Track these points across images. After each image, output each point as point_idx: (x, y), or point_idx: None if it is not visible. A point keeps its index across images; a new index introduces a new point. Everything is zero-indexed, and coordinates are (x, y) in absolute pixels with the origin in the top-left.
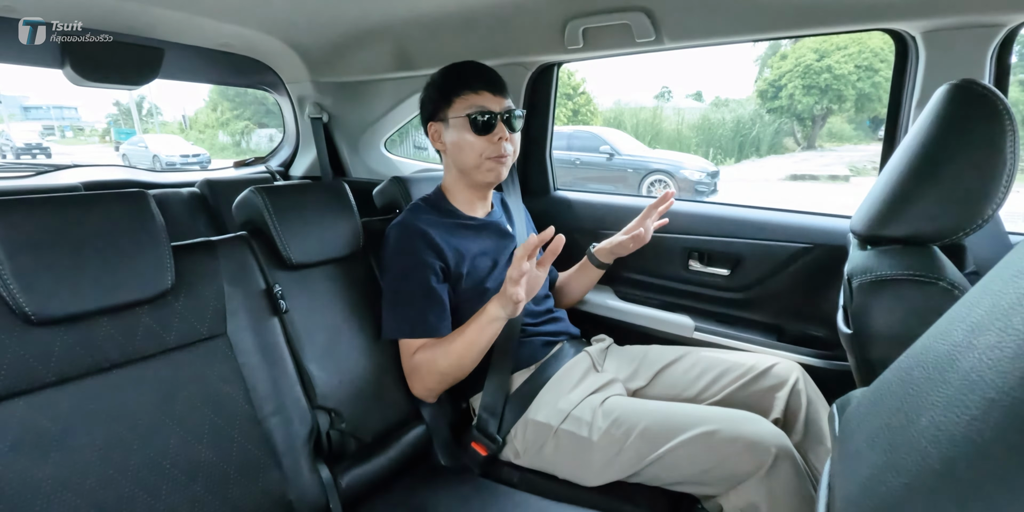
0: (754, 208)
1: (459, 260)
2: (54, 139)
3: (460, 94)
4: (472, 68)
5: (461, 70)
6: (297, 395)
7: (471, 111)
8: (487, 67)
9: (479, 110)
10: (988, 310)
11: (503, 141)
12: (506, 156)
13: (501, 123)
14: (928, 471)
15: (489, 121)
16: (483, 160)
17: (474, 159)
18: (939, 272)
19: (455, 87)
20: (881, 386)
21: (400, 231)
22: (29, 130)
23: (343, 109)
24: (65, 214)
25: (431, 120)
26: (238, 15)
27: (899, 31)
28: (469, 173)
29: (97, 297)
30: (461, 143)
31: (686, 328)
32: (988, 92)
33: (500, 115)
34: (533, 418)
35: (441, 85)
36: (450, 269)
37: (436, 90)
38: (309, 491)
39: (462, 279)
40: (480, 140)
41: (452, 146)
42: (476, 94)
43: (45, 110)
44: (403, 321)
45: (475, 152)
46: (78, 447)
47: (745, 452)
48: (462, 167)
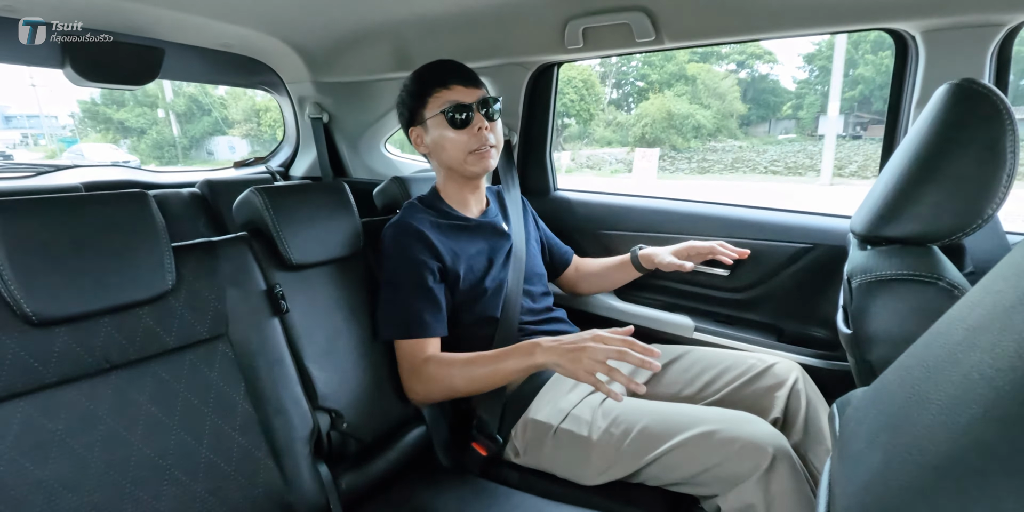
0: (754, 208)
1: (456, 260)
2: (28, 147)
3: (432, 92)
4: (439, 65)
5: (430, 70)
6: (297, 395)
7: (445, 107)
8: (455, 62)
9: (453, 104)
10: (988, 310)
11: (483, 131)
12: (490, 146)
13: (478, 114)
14: (929, 471)
15: (466, 114)
16: (467, 155)
17: (458, 154)
18: (939, 272)
19: (426, 86)
20: (881, 386)
21: (396, 231)
22: (7, 138)
23: (343, 109)
24: (65, 214)
25: (411, 125)
26: (238, 15)
27: (899, 31)
28: (458, 169)
29: (98, 298)
30: (442, 141)
31: (686, 328)
32: (988, 92)
33: (475, 106)
34: (533, 417)
35: (412, 88)
36: (447, 269)
37: (408, 94)
38: (309, 491)
39: (459, 280)
40: (460, 134)
41: (434, 146)
42: (448, 89)
43: (20, 120)
44: (399, 322)
45: (457, 148)
46: (78, 447)
47: (742, 453)
48: (450, 164)
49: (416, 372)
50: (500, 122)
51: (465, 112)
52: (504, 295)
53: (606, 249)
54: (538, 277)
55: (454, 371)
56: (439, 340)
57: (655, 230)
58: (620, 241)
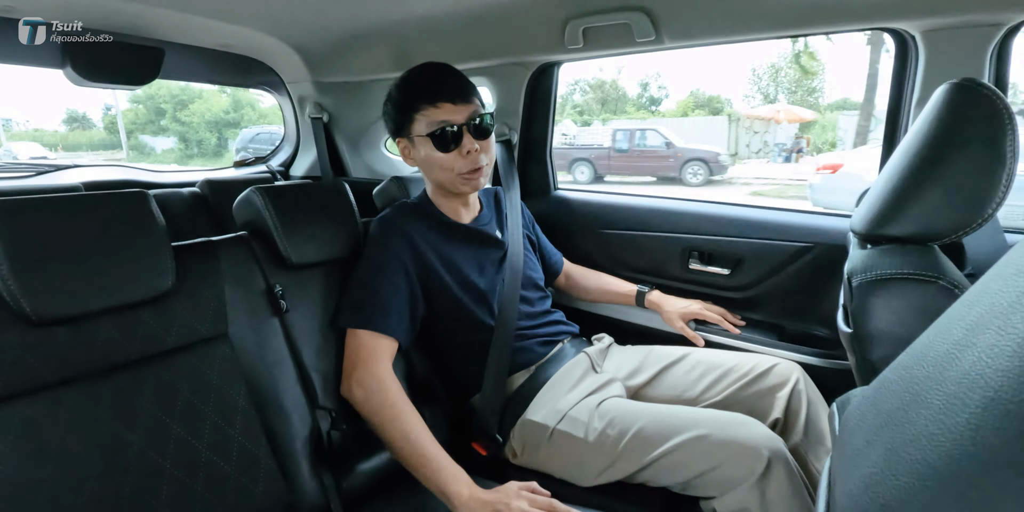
0: (754, 207)
1: (439, 261)
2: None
3: (418, 109)
4: (427, 78)
5: (416, 81)
6: (298, 395)
7: (433, 129)
8: (445, 72)
9: (440, 125)
10: (988, 309)
11: (474, 153)
12: (480, 167)
13: (468, 135)
14: (928, 470)
15: (455, 136)
16: (456, 176)
17: (447, 176)
18: (939, 271)
19: (412, 102)
20: (881, 385)
21: (382, 225)
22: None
23: (343, 109)
24: (66, 214)
25: (397, 136)
26: (238, 15)
27: (899, 30)
28: (448, 187)
29: (98, 297)
30: (430, 161)
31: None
32: (988, 91)
33: (466, 126)
34: (530, 418)
35: (398, 100)
36: (429, 270)
37: (393, 107)
38: (309, 491)
39: (442, 282)
40: (448, 157)
41: (422, 163)
42: (435, 107)
43: None
44: (359, 310)
45: (446, 169)
46: (79, 447)
47: (738, 457)
48: (439, 182)
49: (357, 369)
50: (493, 136)
51: (455, 134)
52: (498, 302)
53: (606, 249)
54: (536, 282)
55: (384, 410)
56: (394, 349)
57: (655, 230)
58: (620, 241)
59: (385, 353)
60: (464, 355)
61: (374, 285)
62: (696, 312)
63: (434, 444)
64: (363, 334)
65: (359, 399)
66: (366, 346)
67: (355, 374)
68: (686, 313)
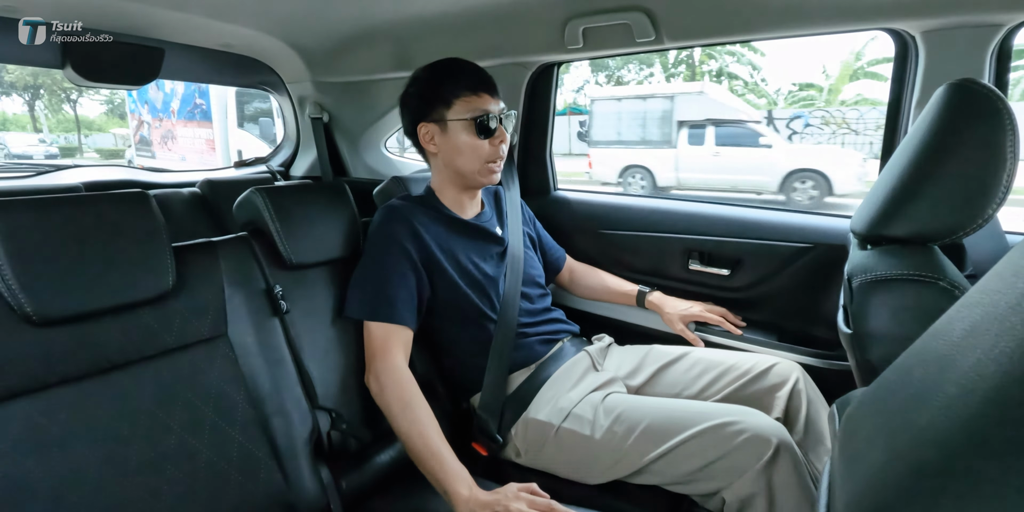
0: (754, 208)
1: (441, 251)
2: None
3: (460, 95)
4: (467, 68)
5: (456, 69)
6: (298, 395)
7: (476, 114)
8: (478, 66)
9: (483, 113)
10: (987, 310)
11: (502, 143)
12: (503, 157)
13: (501, 127)
14: (928, 470)
15: (494, 125)
16: (484, 164)
17: (476, 163)
18: (939, 272)
19: (454, 88)
20: (881, 386)
21: (387, 214)
22: None
23: (344, 109)
24: (66, 214)
25: (423, 121)
26: (238, 15)
27: (899, 31)
28: (468, 176)
29: (98, 297)
30: (462, 146)
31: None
32: (988, 91)
33: (500, 117)
34: (534, 417)
35: (436, 85)
36: (432, 259)
37: (431, 90)
38: (309, 491)
39: (445, 275)
40: (483, 143)
41: (450, 149)
42: (477, 96)
43: None
44: (367, 301)
45: (478, 155)
46: (79, 447)
47: (746, 444)
48: (460, 170)
49: (375, 361)
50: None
51: (493, 123)
52: (501, 297)
53: (606, 249)
54: (537, 279)
55: (394, 403)
56: (407, 337)
57: (655, 230)
58: (620, 241)
59: (398, 343)
60: (465, 352)
61: (381, 275)
62: (697, 314)
63: (442, 441)
64: (374, 326)
65: (375, 391)
66: (379, 337)
67: (373, 367)
68: (686, 315)
